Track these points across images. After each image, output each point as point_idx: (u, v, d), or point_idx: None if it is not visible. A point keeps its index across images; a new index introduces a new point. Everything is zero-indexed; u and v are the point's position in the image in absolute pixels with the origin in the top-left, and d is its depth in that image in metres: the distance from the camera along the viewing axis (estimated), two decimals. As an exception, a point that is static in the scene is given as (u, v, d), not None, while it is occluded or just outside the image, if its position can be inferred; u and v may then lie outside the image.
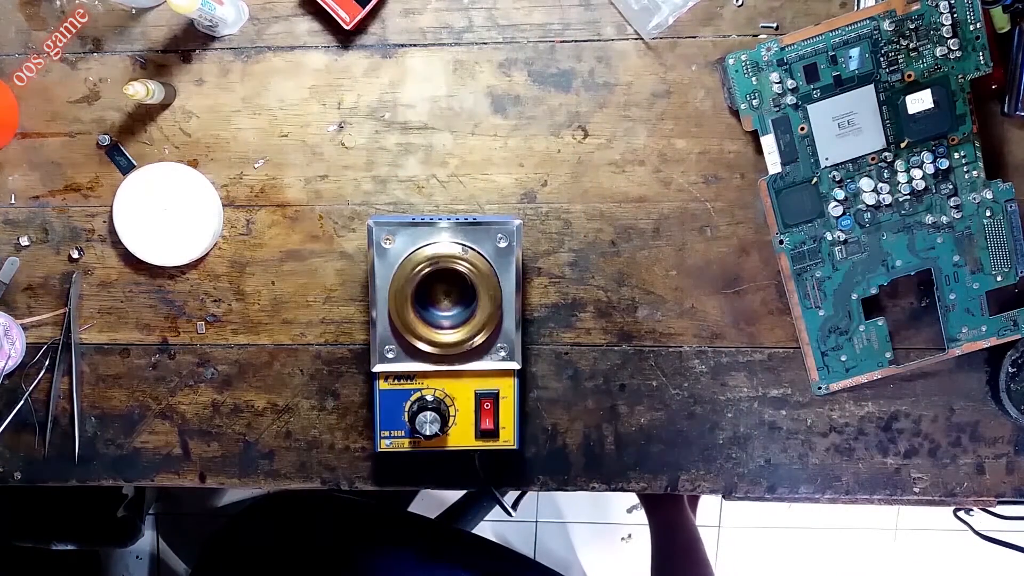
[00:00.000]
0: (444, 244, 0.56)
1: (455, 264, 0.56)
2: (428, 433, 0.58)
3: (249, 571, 0.81)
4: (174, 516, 1.38)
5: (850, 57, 0.57)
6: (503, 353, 0.59)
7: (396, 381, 0.60)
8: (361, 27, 0.60)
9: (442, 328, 0.58)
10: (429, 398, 0.60)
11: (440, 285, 0.59)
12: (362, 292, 0.63)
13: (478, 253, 0.57)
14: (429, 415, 0.58)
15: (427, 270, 0.56)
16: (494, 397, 0.60)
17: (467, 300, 0.59)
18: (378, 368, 0.59)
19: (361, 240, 0.62)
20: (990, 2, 0.56)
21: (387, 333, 0.58)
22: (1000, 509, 0.66)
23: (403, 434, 0.61)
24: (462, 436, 0.61)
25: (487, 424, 0.60)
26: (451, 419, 0.61)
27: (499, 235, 0.57)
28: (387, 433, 0.60)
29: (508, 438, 0.61)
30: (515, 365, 0.59)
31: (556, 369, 0.63)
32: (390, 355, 0.59)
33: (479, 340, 0.58)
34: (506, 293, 0.58)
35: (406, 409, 0.60)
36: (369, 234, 0.57)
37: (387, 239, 0.56)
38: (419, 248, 0.57)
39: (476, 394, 0.60)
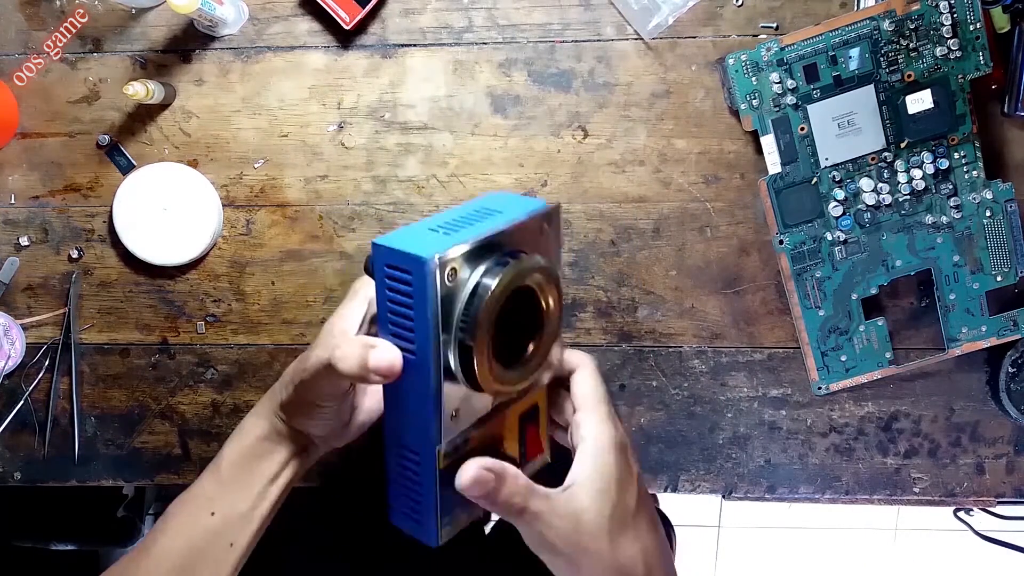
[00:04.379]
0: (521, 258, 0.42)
1: (534, 284, 0.43)
2: None
3: (249, 571, 0.81)
4: (174, 516, 1.38)
5: (850, 57, 0.57)
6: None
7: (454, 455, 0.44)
8: (361, 27, 0.60)
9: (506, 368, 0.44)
10: None
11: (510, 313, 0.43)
12: (362, 292, 0.63)
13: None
14: None
15: (512, 294, 0.41)
16: (534, 413, 0.48)
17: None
18: (446, 446, 0.43)
19: (361, 240, 0.62)
20: (990, 2, 0.56)
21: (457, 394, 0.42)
22: (1000, 509, 0.66)
23: (465, 515, 0.46)
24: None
25: (535, 448, 0.49)
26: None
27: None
28: (447, 519, 0.45)
29: (545, 453, 0.51)
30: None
31: (556, 369, 0.63)
32: (452, 417, 0.43)
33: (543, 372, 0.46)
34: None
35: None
36: (422, 270, 0.39)
37: (452, 271, 0.40)
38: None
39: (519, 419, 0.47)
